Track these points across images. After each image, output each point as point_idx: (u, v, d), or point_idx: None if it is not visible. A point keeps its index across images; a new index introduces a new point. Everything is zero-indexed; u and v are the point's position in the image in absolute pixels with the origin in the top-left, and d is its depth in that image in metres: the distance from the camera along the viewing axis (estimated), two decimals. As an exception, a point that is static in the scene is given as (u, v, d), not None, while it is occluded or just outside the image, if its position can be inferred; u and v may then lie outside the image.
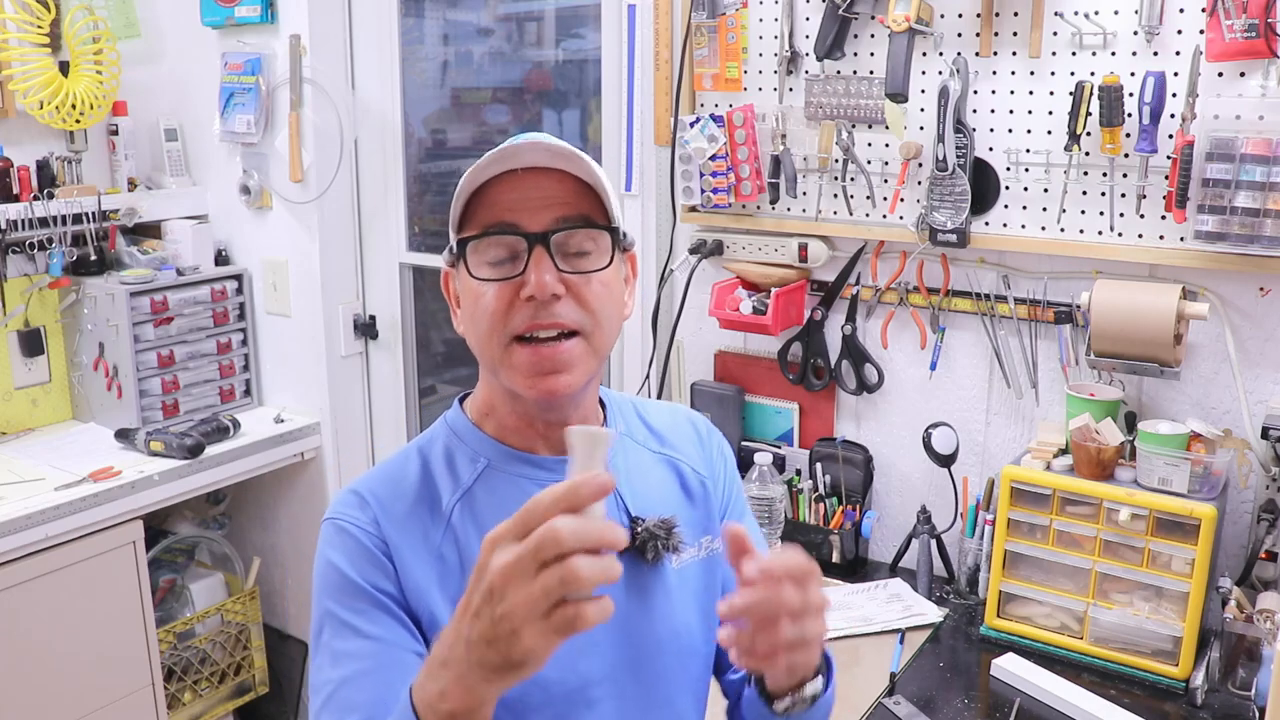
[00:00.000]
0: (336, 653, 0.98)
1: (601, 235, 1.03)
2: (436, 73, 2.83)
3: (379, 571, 1.01)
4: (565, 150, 1.00)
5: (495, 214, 1.00)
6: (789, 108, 2.09)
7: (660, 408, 1.25)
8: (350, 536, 1.02)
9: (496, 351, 1.01)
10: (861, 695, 1.65)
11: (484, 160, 1.00)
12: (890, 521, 2.17)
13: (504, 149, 0.99)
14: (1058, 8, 1.80)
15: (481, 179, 1.01)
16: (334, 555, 1.02)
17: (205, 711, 2.74)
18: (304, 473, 2.84)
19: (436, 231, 2.90)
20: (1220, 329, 1.79)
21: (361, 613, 0.99)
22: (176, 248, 2.75)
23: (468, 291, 1.04)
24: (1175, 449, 1.68)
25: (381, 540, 1.02)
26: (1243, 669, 1.63)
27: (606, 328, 1.04)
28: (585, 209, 1.02)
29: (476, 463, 1.08)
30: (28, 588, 2.18)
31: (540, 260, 0.98)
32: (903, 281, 2.08)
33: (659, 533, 1.09)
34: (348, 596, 1.00)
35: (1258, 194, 1.64)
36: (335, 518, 1.05)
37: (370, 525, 1.03)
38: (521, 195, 1.00)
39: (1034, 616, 1.79)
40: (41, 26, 2.47)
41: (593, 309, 1.01)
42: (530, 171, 1.00)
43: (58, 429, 2.68)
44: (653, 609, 1.09)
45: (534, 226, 0.99)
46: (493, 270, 1.01)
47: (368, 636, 0.98)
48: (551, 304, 0.99)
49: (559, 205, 1.01)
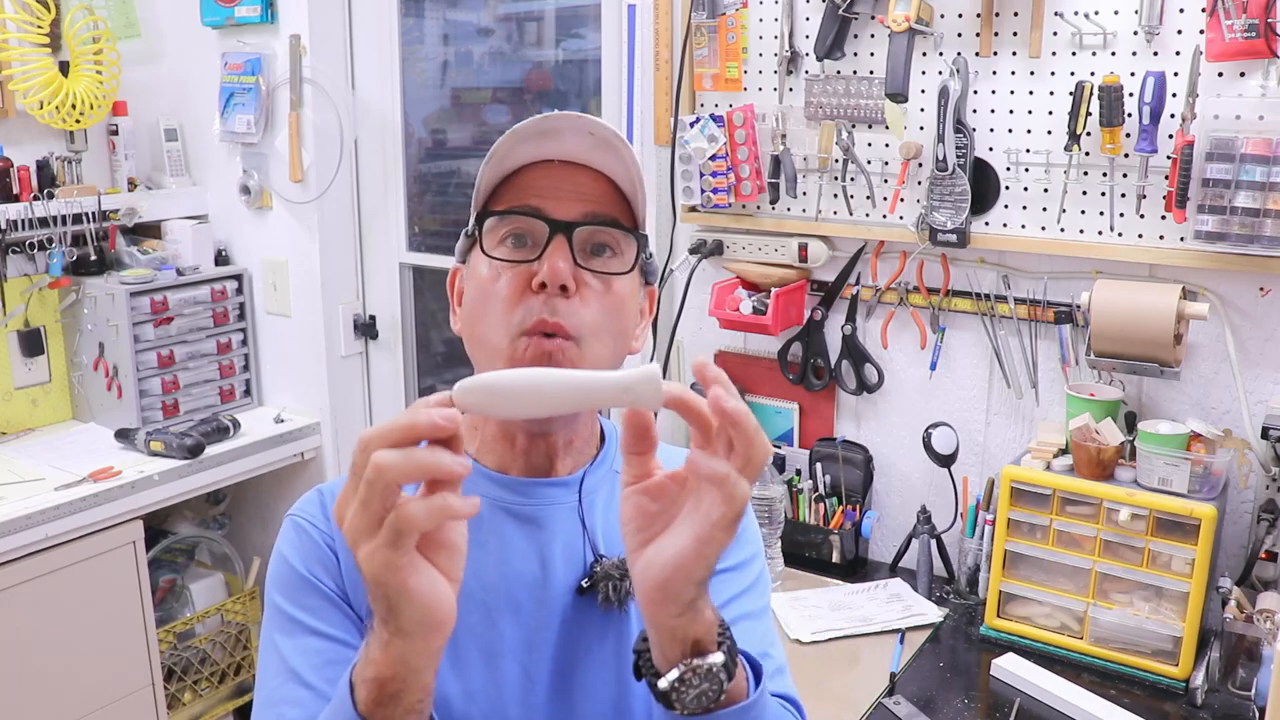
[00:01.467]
0: (281, 647, 0.96)
1: (627, 241, 0.98)
2: (436, 73, 2.83)
3: (325, 569, 0.99)
4: (611, 135, 0.95)
5: (523, 197, 0.97)
6: (789, 108, 2.09)
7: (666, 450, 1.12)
8: (304, 533, 1.01)
9: (500, 342, 0.94)
10: (861, 695, 1.65)
11: (520, 132, 0.94)
12: (890, 521, 2.17)
13: (544, 124, 0.93)
14: (1058, 8, 1.80)
15: (517, 162, 0.97)
16: (286, 550, 1.01)
17: (205, 711, 2.74)
18: (304, 473, 2.84)
19: (437, 232, 2.90)
20: (1220, 329, 1.79)
21: (309, 609, 0.97)
22: (176, 248, 2.75)
23: (476, 277, 0.98)
24: (1175, 449, 1.68)
25: (329, 537, 1.00)
26: (1243, 669, 1.63)
27: (606, 343, 0.97)
28: (615, 212, 0.98)
29: None
30: (28, 588, 2.18)
31: (559, 248, 0.93)
32: (903, 281, 2.08)
33: (614, 574, 0.98)
34: (295, 591, 0.98)
35: (1258, 194, 1.64)
36: (294, 514, 1.03)
37: (323, 523, 1.01)
38: (554, 183, 0.96)
39: (1034, 616, 1.79)
40: (41, 26, 2.47)
41: (597, 316, 0.95)
42: (567, 165, 0.97)
43: (58, 429, 2.68)
44: (601, 660, 0.99)
45: (560, 214, 0.95)
46: (508, 253, 0.96)
47: (313, 632, 0.96)
48: (557, 299, 0.93)
49: (590, 201, 0.97)
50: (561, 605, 0.99)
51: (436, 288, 2.91)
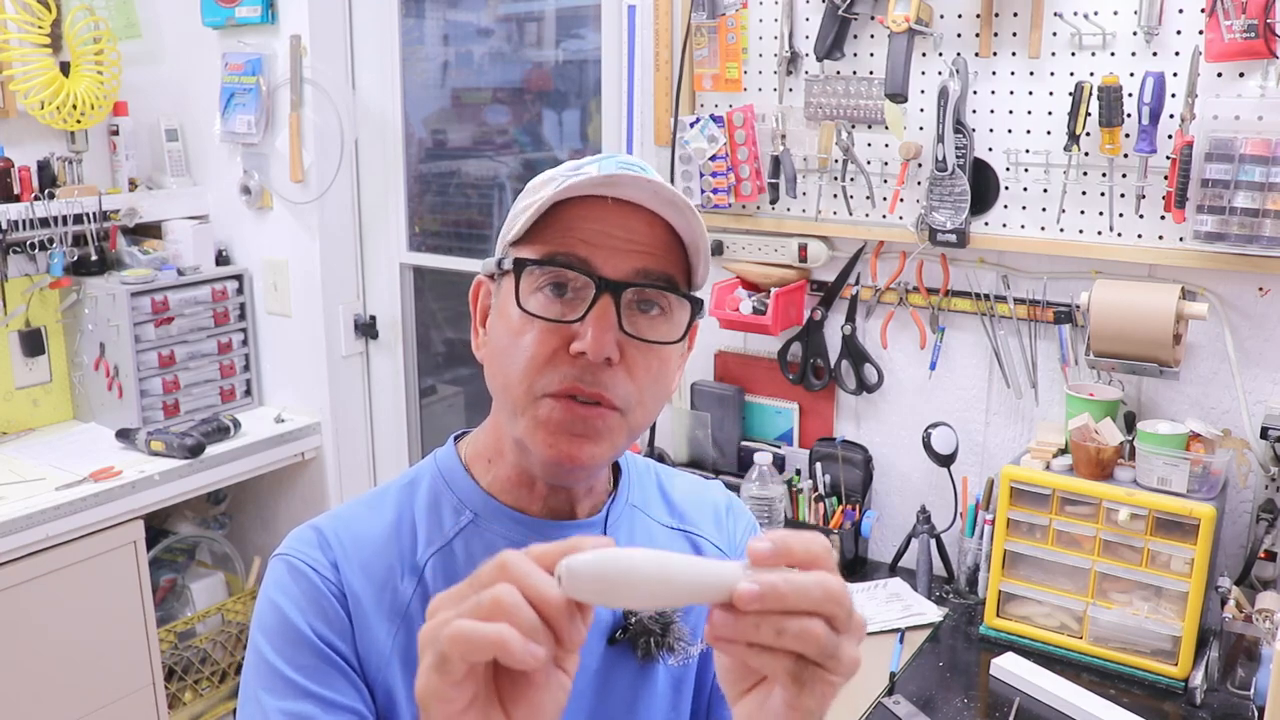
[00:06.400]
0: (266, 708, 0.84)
1: (681, 305, 0.87)
2: (437, 73, 2.83)
3: (332, 627, 0.86)
4: (676, 197, 0.84)
5: (568, 243, 0.84)
6: (789, 108, 2.09)
7: (687, 481, 1.08)
8: (303, 578, 0.87)
9: (522, 400, 0.85)
10: (861, 695, 1.65)
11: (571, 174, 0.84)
12: (890, 521, 2.17)
13: (603, 176, 0.82)
14: (1057, 8, 1.80)
15: (564, 196, 0.84)
16: (279, 597, 0.87)
17: (206, 711, 2.74)
18: (304, 473, 2.85)
19: (437, 232, 2.90)
20: (1219, 329, 1.79)
21: (305, 669, 0.84)
22: (177, 248, 2.75)
23: (506, 319, 0.87)
24: (1174, 449, 1.68)
25: (339, 589, 0.87)
26: (1242, 668, 1.63)
27: (649, 408, 0.89)
28: (671, 268, 0.87)
29: (461, 515, 0.93)
30: (29, 587, 2.19)
31: (604, 313, 0.82)
32: (902, 281, 2.08)
33: (654, 628, 0.93)
34: (290, 647, 0.85)
35: (1256, 194, 1.65)
36: (288, 554, 0.89)
37: (328, 569, 0.88)
38: (604, 229, 0.84)
39: (1033, 616, 1.80)
40: (42, 27, 2.47)
41: (641, 386, 0.86)
42: (621, 204, 0.84)
43: (59, 429, 2.68)
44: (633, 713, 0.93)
45: (609, 271, 0.83)
46: (544, 304, 0.84)
47: (307, 695, 0.83)
48: (600, 370, 0.83)
49: (644, 254, 0.85)
50: (592, 655, 0.92)
51: (437, 288, 2.91)
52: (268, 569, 0.91)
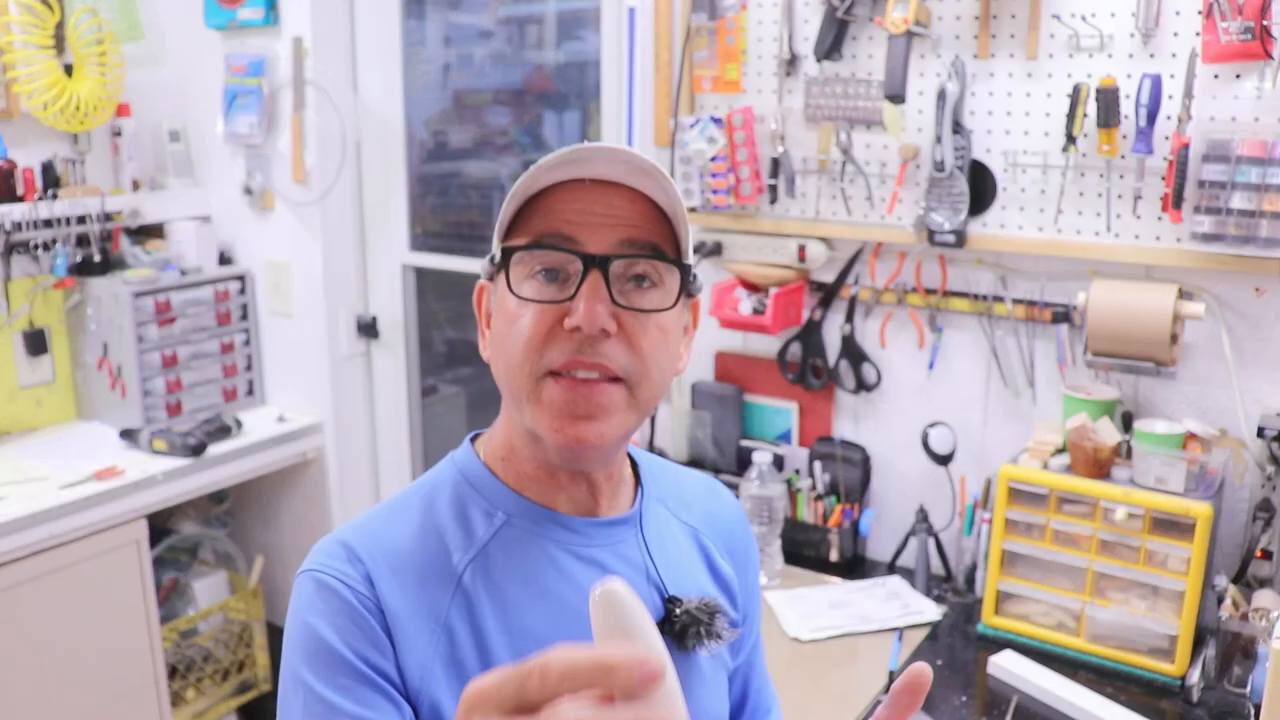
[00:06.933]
0: None
1: (670, 271, 0.88)
2: (438, 75, 2.85)
3: (370, 643, 0.84)
4: (646, 164, 0.85)
5: (551, 224, 0.86)
6: (788, 109, 2.10)
7: (693, 475, 1.11)
8: (336, 595, 0.85)
9: (525, 384, 0.86)
10: (860, 693, 1.66)
11: (547, 161, 0.84)
12: (888, 520, 2.18)
13: (574, 151, 0.84)
14: (1055, 10, 1.81)
15: (542, 183, 0.86)
16: (313, 618, 0.84)
17: (208, 709, 2.75)
18: (306, 472, 2.86)
19: (438, 233, 2.91)
20: (1216, 329, 1.80)
21: (345, 690, 0.82)
22: (180, 248, 2.76)
23: (503, 310, 0.89)
24: (1171, 448, 1.69)
25: (376, 604, 0.85)
26: (1238, 666, 1.64)
27: (656, 380, 0.88)
28: (655, 237, 0.88)
29: (493, 517, 0.92)
30: (32, 586, 2.19)
31: (594, 287, 0.84)
32: (901, 282, 2.09)
33: (701, 617, 0.92)
34: (327, 669, 0.83)
35: (1253, 195, 1.65)
36: (316, 570, 0.87)
37: (361, 584, 0.85)
38: (585, 207, 0.86)
39: (1031, 614, 1.81)
40: (45, 29, 2.48)
41: (643, 355, 0.86)
42: (600, 184, 0.86)
43: (62, 428, 2.69)
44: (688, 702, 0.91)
45: (594, 246, 0.85)
46: (538, 289, 0.86)
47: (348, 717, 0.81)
48: (598, 341, 0.84)
49: (626, 226, 0.86)
50: None
51: (438, 288, 2.92)
52: (295, 587, 0.89)
